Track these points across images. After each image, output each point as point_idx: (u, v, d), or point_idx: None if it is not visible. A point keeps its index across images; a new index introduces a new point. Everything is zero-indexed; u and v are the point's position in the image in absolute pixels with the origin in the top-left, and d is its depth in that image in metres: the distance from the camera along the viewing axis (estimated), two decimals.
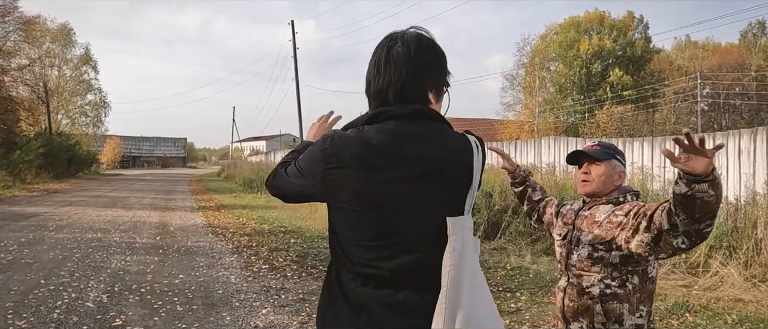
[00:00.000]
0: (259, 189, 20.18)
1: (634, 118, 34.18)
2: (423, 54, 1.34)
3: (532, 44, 44.62)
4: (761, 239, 6.03)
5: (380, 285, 1.29)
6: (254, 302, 4.96)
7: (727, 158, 8.52)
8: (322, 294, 1.45)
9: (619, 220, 1.80)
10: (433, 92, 1.36)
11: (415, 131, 1.31)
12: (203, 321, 4.37)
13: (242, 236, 9.20)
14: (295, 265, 6.74)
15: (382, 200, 1.28)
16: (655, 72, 40.54)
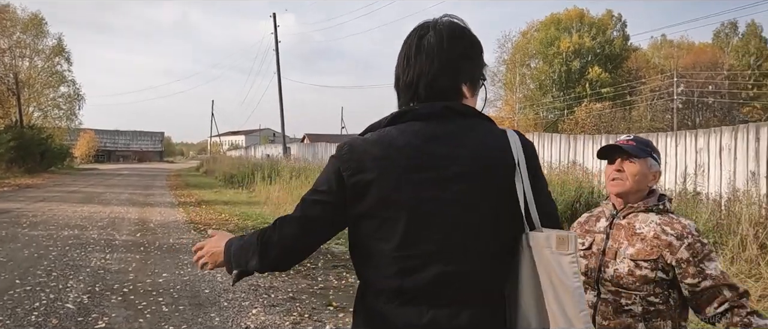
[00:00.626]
0: (240, 184, 19.90)
1: (611, 115, 34.74)
2: (456, 44, 1.22)
3: (512, 41, 44.99)
4: (745, 236, 6.12)
5: (407, 302, 1.16)
6: (243, 301, 4.82)
7: (708, 156, 8.67)
8: (353, 320, 1.32)
9: (670, 240, 1.64)
10: (467, 85, 1.24)
11: (446, 130, 1.19)
12: (191, 322, 4.23)
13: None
14: None
15: (410, 203, 1.15)
16: (633, 70, 41.27)
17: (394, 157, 1.17)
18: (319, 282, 5.73)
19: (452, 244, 1.15)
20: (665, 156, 9.28)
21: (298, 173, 16.62)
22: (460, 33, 1.25)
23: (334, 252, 7.41)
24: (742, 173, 7.99)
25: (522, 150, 1.20)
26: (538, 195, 1.19)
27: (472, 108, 1.25)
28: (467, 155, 1.17)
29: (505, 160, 1.18)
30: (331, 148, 25.35)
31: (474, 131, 1.21)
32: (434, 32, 1.23)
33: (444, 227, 1.15)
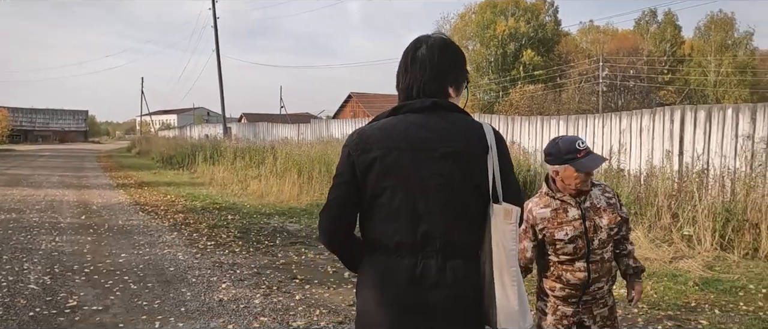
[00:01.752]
0: (180, 165, 19.40)
1: (543, 97, 36.51)
2: (444, 57, 1.53)
3: (451, 23, 45.90)
4: (661, 206, 6.94)
5: (405, 255, 1.44)
6: (211, 277, 4.98)
7: (630, 136, 9.56)
8: (358, 279, 1.60)
9: (614, 202, 2.31)
10: (452, 88, 1.54)
11: (434, 120, 1.47)
12: (163, 297, 4.36)
13: (176, 213, 8.95)
14: (241, 241, 6.76)
15: (404, 175, 1.44)
16: (563, 54, 43.37)
17: (394, 139, 1.46)
18: (279, 258, 5.95)
19: (436, 209, 1.44)
20: (593, 136, 10.12)
21: (242, 154, 16.45)
22: (446, 47, 1.55)
23: (289, 230, 7.62)
24: (659, 151, 8.92)
25: (494, 138, 1.48)
26: (505, 176, 1.48)
27: (455, 105, 1.55)
28: (450, 140, 1.46)
29: (481, 145, 1.46)
30: (273, 128, 25.09)
31: (456, 122, 1.50)
32: (426, 47, 1.53)
33: (430, 196, 1.44)
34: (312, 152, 12.95)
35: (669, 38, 45.53)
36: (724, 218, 6.25)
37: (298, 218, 8.66)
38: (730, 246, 5.99)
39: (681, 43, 45.44)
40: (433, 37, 1.56)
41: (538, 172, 8.94)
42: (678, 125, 8.90)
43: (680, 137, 8.84)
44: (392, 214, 1.46)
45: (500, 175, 1.46)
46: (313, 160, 12.13)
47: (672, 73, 43.11)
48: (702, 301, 4.39)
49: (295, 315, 4.01)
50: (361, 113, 42.26)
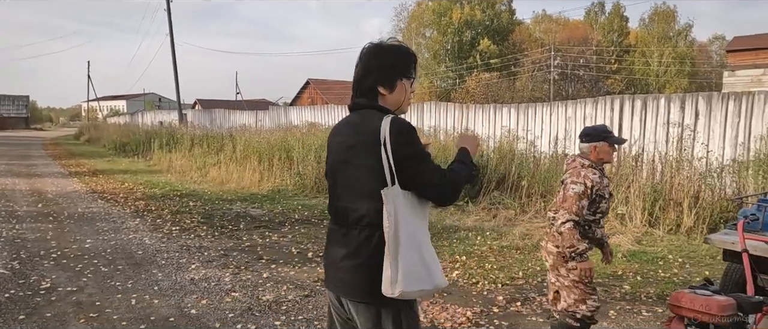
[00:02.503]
0: (134, 153, 19.03)
1: (498, 85, 37.51)
2: (372, 58, 1.79)
3: (408, 10, 46.21)
4: None
5: (335, 223, 1.82)
6: (180, 259, 5.19)
7: (575, 123, 10.23)
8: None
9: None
10: (383, 86, 1.78)
11: (353, 118, 1.81)
12: (135, 278, 4.55)
13: (136, 200, 8.98)
14: (205, 226, 6.94)
15: (333, 162, 1.85)
16: (517, 43, 44.53)
17: (334, 135, 1.88)
18: (244, 241, 6.19)
19: (343, 188, 1.78)
20: (541, 123, 10.77)
21: (200, 141, 16.35)
22: (376, 50, 1.81)
23: (252, 215, 7.84)
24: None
25: (388, 132, 1.68)
26: (398, 163, 1.67)
27: (369, 103, 1.79)
28: (355, 133, 1.76)
29: (377, 138, 1.69)
30: (230, 115, 24.85)
31: (365, 118, 1.76)
32: (367, 50, 1.82)
33: (343, 178, 1.79)
34: (272, 139, 13.06)
35: (616, 29, 47.47)
36: (653, 198, 6.92)
37: (261, 203, 8.87)
38: (656, 223, 6.66)
39: (627, 33, 47.46)
40: (371, 43, 1.84)
41: (490, 157, 9.45)
42: (618, 113, 9.63)
43: (619, 124, 9.58)
44: (329, 189, 1.90)
45: (393, 162, 1.67)
46: (273, 147, 12.27)
47: (619, 63, 45.06)
48: (628, 270, 4.98)
49: (264, 290, 4.31)
50: (320, 99, 42.14)
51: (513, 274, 4.85)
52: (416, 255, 1.68)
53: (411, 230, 1.68)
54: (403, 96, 1.82)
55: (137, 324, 3.55)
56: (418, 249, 1.68)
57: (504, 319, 3.79)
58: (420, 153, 1.72)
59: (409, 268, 1.65)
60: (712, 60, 48.40)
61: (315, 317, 3.74)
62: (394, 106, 1.81)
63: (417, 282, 1.66)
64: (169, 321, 3.62)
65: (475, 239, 6.25)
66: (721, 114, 8.29)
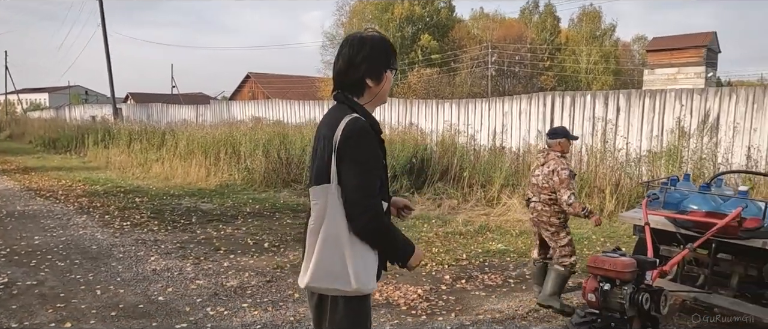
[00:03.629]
0: (66, 149, 18.19)
1: (439, 80, 38.50)
2: (359, 51, 1.78)
3: (350, 5, 46.38)
4: None
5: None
6: (137, 252, 5.26)
7: (511, 118, 10.94)
8: None
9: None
10: (370, 78, 1.81)
11: (330, 111, 1.84)
12: (95, 271, 4.62)
13: (78, 198, 8.76)
14: (156, 221, 6.96)
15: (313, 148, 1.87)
16: (457, 39, 45.81)
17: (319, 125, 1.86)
18: (199, 234, 6.30)
19: (314, 173, 1.80)
20: (481, 118, 11.40)
21: (138, 136, 15.89)
22: (363, 42, 1.80)
23: (203, 209, 7.90)
24: (534, 131, 10.37)
25: (341, 131, 1.71)
26: (339, 162, 1.70)
27: (344, 97, 1.82)
28: (326, 126, 1.79)
29: (333, 134, 1.74)
30: (168, 109, 24.13)
31: (335, 114, 1.79)
32: (349, 43, 1.82)
33: (312, 167, 1.83)
34: (217, 134, 12.97)
35: (548, 28, 49.87)
36: (580, 185, 7.64)
37: (210, 198, 8.91)
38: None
39: (558, 32, 49.97)
40: (358, 34, 1.84)
41: (434, 150, 9.95)
42: (549, 108, 10.38)
43: (551, 118, 10.34)
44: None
45: (336, 162, 1.71)
46: (219, 142, 12.22)
47: (551, 60, 47.42)
48: None
49: (227, 277, 4.51)
50: (261, 93, 41.52)
51: (457, 256, 5.31)
52: (336, 255, 1.69)
53: (337, 231, 1.69)
54: (387, 87, 1.86)
55: (108, 312, 3.68)
56: (339, 248, 1.69)
57: (451, 295, 4.22)
58: (360, 161, 1.70)
59: (322, 264, 1.70)
60: (635, 59, 51.83)
61: (279, 299, 4.01)
62: (379, 97, 1.86)
63: (330, 280, 1.70)
64: (139, 307, 3.78)
65: (422, 227, 6.69)
66: (639, 110, 9.19)
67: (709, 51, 24.87)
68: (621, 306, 2.40)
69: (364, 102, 1.84)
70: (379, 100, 1.87)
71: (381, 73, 1.82)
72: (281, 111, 17.59)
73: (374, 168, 1.72)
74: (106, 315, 3.62)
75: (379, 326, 3.54)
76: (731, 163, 7.79)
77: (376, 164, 1.74)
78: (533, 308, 3.89)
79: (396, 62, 1.89)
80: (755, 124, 7.84)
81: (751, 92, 8.01)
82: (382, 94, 1.86)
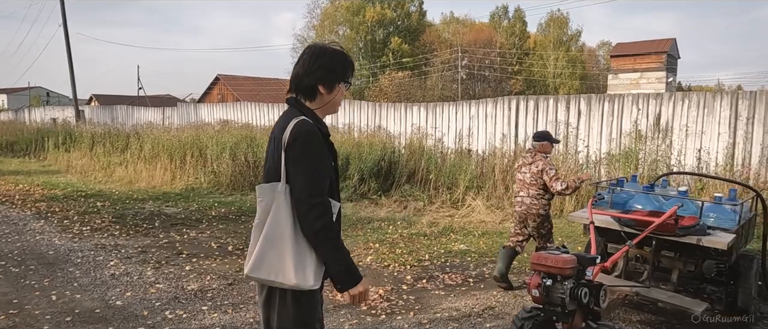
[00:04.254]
0: (24, 153, 17.64)
1: (410, 84, 38.80)
2: (317, 59, 1.88)
3: (321, 7, 46.32)
4: (497, 180, 8.43)
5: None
6: (96, 257, 5.18)
7: (477, 121, 11.15)
8: None
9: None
10: (322, 86, 1.90)
11: (283, 114, 1.93)
12: (51, 277, 4.53)
13: (36, 202, 8.54)
14: (117, 225, 6.85)
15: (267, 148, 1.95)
16: (428, 43, 46.25)
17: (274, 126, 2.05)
18: (161, 238, 6.24)
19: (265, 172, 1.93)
20: (448, 121, 11.58)
21: (101, 139, 15.53)
22: (322, 52, 1.90)
23: (167, 213, 7.80)
24: (499, 134, 10.59)
25: (289, 133, 1.80)
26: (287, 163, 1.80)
27: (296, 102, 1.93)
28: (279, 128, 1.88)
29: (282, 136, 1.84)
30: (133, 111, 23.62)
31: (287, 116, 1.89)
32: (310, 50, 1.92)
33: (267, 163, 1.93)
34: (183, 137, 12.80)
35: (517, 33, 50.84)
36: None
37: (175, 201, 8.80)
38: None
39: (527, 37, 51.00)
40: (316, 45, 1.94)
41: (401, 153, 10.06)
42: (514, 112, 10.62)
43: (516, 121, 10.58)
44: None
45: (284, 163, 1.81)
46: (185, 145, 12.06)
47: (520, 65, 48.34)
48: None
49: (188, 281, 4.49)
50: (230, 96, 41.00)
51: (420, 257, 5.41)
52: (277, 250, 1.77)
53: (280, 227, 1.77)
54: (338, 98, 1.96)
55: (62, 317, 3.62)
56: (281, 244, 1.76)
57: (411, 294, 4.31)
58: (306, 161, 1.78)
59: (263, 258, 1.77)
60: (600, 63, 53.31)
61: (240, 302, 4.02)
62: (330, 106, 1.95)
63: (269, 272, 1.77)
64: (95, 312, 3.73)
65: (387, 229, 6.77)
66: (599, 113, 9.50)
67: (669, 57, 25.77)
68: (562, 300, 2.52)
69: (315, 107, 1.92)
70: (330, 108, 1.96)
71: (334, 84, 1.91)
72: (250, 114, 17.45)
73: (320, 168, 1.79)
74: (60, 321, 3.57)
75: (339, 326, 3.60)
76: (684, 164, 8.14)
77: (323, 165, 1.81)
78: (489, 306, 4.01)
79: (351, 77, 1.97)
80: (705, 128, 8.21)
81: (702, 97, 8.38)
82: (333, 103, 1.94)
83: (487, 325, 3.62)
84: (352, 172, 9.28)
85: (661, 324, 3.63)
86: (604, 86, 37.58)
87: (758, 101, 7.78)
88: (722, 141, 8.01)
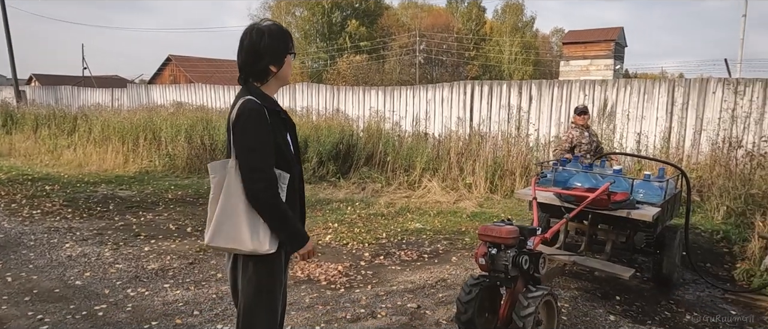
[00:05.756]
0: None
1: (368, 67, 38.79)
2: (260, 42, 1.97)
3: None
4: (452, 162, 8.73)
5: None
6: (50, 240, 5.11)
7: (434, 105, 11.41)
8: None
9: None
10: (273, 66, 2.01)
11: (236, 95, 2.04)
12: (4, 259, 4.45)
13: None
14: (70, 208, 6.72)
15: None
16: (385, 27, 46.22)
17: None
18: (117, 221, 6.17)
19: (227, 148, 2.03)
20: (406, 105, 11.79)
21: (46, 121, 14.90)
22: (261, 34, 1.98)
23: (121, 197, 7.68)
24: (455, 118, 10.90)
25: (235, 112, 1.94)
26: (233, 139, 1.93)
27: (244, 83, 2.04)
28: (231, 109, 2.00)
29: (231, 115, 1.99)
30: (80, 92, 22.65)
31: (237, 98, 2.01)
32: (249, 35, 1.99)
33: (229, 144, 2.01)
34: (135, 119, 12.47)
35: (474, 18, 51.49)
36: (494, 169, 8.22)
37: (129, 185, 8.65)
38: (495, 189, 7.95)
39: (483, 23, 51.75)
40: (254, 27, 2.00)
41: (359, 136, 10.20)
42: (470, 96, 10.93)
43: (471, 106, 10.90)
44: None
45: (233, 140, 1.94)
46: (138, 127, 11.77)
47: (477, 50, 49.09)
48: (470, 227, 6.03)
49: (148, 261, 4.53)
50: (183, 77, 39.82)
51: (377, 235, 5.61)
52: (231, 219, 1.91)
53: (233, 199, 1.91)
54: (287, 69, 2.08)
55: (20, 297, 3.61)
56: (235, 214, 1.91)
57: (369, 270, 4.51)
58: (247, 138, 1.90)
59: (220, 228, 1.93)
60: (553, 50, 54.80)
61: (202, 279, 4.11)
62: (282, 79, 2.07)
63: (226, 240, 1.93)
64: (55, 292, 3.74)
65: (345, 209, 6.94)
66: (549, 98, 9.93)
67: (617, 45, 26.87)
68: (506, 267, 2.77)
69: (269, 87, 2.05)
70: (282, 81, 2.08)
71: (281, 58, 2.03)
72: (205, 96, 17.13)
73: (262, 144, 1.91)
74: (19, 301, 3.56)
75: (299, 299, 3.75)
76: (626, 146, 8.67)
77: (264, 140, 1.92)
78: (442, 278, 4.27)
79: (293, 47, 2.09)
80: (645, 113, 8.76)
81: (643, 84, 8.92)
82: (283, 76, 2.06)
83: (440, 295, 3.87)
84: (311, 155, 9.36)
85: (596, 291, 3.99)
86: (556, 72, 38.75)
87: (692, 88, 8.36)
88: (660, 125, 8.58)
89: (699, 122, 8.23)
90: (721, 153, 7.54)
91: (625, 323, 3.45)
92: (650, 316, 3.60)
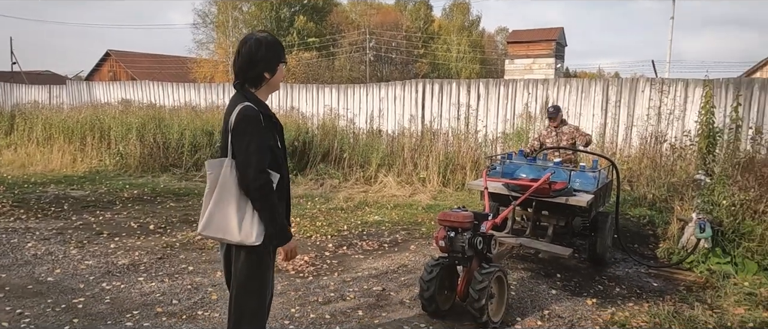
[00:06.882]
0: None
1: (318, 65, 38.73)
2: (257, 51, 2.20)
3: None
4: (406, 158, 9.12)
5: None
6: (10, 240, 5.06)
7: (387, 103, 11.77)
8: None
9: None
10: (268, 72, 2.24)
11: (231, 98, 2.25)
12: None
13: None
14: (22, 209, 6.59)
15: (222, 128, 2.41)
16: (335, 24, 46.21)
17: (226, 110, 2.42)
18: (75, 220, 6.14)
19: (220, 148, 2.27)
20: (360, 103, 12.09)
21: None
22: (258, 44, 2.21)
23: (74, 196, 7.57)
24: (407, 115, 11.31)
25: (235, 116, 2.14)
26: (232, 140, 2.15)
27: (241, 88, 2.24)
28: (229, 111, 2.22)
29: (231, 119, 2.18)
30: (13, 89, 21.50)
31: (234, 101, 2.22)
32: (247, 43, 2.22)
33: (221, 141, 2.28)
34: (80, 117, 12.11)
35: (422, 16, 52.37)
36: (446, 163, 8.67)
37: (80, 184, 8.50)
38: (448, 183, 8.40)
39: (432, 21, 52.73)
40: (254, 36, 2.25)
41: (315, 133, 10.42)
42: (421, 94, 11.37)
43: (422, 103, 11.34)
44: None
45: (231, 141, 2.16)
46: (84, 126, 11.46)
47: (425, 48, 49.97)
48: (425, 219, 6.43)
49: (117, 257, 4.62)
50: (124, 74, 38.35)
51: (339, 228, 5.90)
52: (220, 213, 2.14)
53: (227, 195, 2.13)
54: (279, 76, 2.30)
55: None
56: (227, 208, 2.13)
57: (334, 259, 4.80)
58: (246, 141, 2.11)
59: (212, 219, 2.15)
60: (498, 49, 56.55)
61: (174, 272, 4.26)
62: (273, 85, 2.29)
63: (217, 231, 2.16)
64: (28, 288, 3.80)
65: (306, 205, 7.18)
66: (496, 96, 10.51)
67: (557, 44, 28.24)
68: (462, 248, 3.15)
69: (261, 91, 2.26)
70: (273, 87, 2.30)
71: (275, 66, 2.26)
72: (153, 93, 16.75)
73: (259, 147, 2.13)
74: None
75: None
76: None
77: (261, 143, 2.14)
78: (403, 264, 4.62)
79: (285, 56, 2.31)
80: (583, 110, 9.48)
81: (581, 83, 9.63)
82: (275, 82, 2.29)
83: (402, 278, 4.22)
84: None
85: (540, 270, 4.46)
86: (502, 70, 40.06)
87: (624, 87, 9.14)
88: (596, 122, 9.32)
89: (630, 118, 9.02)
90: (649, 147, 8.32)
91: (564, 296, 3.93)
92: (586, 290, 4.10)
